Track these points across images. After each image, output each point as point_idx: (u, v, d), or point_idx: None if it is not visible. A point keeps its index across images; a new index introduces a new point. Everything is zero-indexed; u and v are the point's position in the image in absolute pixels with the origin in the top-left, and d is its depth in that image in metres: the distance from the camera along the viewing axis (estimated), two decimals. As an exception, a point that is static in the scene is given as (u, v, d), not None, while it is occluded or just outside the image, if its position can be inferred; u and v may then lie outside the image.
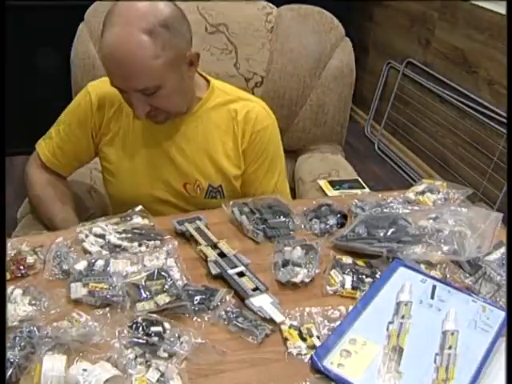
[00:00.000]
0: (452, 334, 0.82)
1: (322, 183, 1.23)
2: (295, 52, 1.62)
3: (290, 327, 0.83)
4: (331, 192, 1.21)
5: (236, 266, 0.95)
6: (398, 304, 0.88)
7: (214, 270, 0.94)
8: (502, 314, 0.88)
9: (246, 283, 0.91)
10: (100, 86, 1.20)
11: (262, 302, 0.87)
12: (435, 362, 0.77)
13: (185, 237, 1.04)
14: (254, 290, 0.89)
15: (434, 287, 0.92)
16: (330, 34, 1.64)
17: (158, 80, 1.03)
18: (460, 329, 0.83)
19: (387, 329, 0.83)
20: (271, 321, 0.84)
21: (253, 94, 1.62)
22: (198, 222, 1.07)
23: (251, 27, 1.62)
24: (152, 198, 1.22)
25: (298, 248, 0.99)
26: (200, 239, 1.02)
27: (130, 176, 1.22)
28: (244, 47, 1.58)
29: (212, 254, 0.98)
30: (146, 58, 0.99)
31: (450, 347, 0.80)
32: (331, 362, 0.77)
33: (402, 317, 0.85)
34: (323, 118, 1.67)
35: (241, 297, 0.88)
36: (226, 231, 1.07)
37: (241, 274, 0.93)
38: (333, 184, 1.30)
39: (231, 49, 1.60)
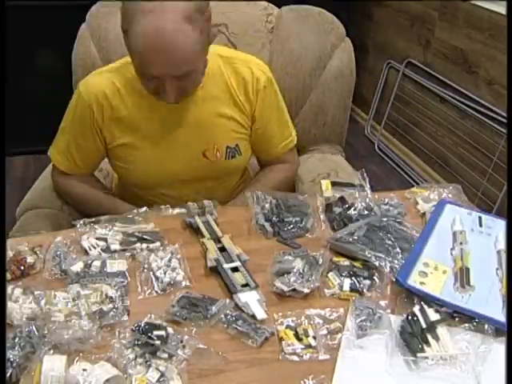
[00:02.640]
0: (505, 252, 0.98)
1: (324, 183, 1.23)
2: (295, 53, 1.61)
3: (286, 328, 0.83)
4: (327, 192, 1.21)
5: (233, 261, 0.96)
6: (455, 233, 1.03)
7: (210, 263, 0.95)
8: None
9: (238, 278, 0.92)
10: (90, 82, 1.17)
11: (249, 298, 0.88)
12: (497, 275, 0.94)
13: (191, 231, 1.07)
14: (244, 285, 0.90)
15: (480, 218, 1.08)
16: (331, 34, 1.63)
17: (195, 64, 1.04)
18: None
19: (451, 254, 0.98)
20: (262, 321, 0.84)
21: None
22: (208, 216, 1.08)
23: (251, 28, 1.61)
24: (173, 178, 1.23)
25: (299, 260, 0.97)
26: (205, 232, 1.03)
27: (151, 160, 1.21)
28: (244, 48, 1.56)
29: (212, 247, 0.98)
30: (189, 45, 0.99)
31: None
32: (414, 281, 0.91)
33: (461, 243, 1.00)
34: (323, 119, 1.67)
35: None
36: (234, 228, 1.07)
37: (235, 269, 0.94)
38: (334, 185, 1.28)
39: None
